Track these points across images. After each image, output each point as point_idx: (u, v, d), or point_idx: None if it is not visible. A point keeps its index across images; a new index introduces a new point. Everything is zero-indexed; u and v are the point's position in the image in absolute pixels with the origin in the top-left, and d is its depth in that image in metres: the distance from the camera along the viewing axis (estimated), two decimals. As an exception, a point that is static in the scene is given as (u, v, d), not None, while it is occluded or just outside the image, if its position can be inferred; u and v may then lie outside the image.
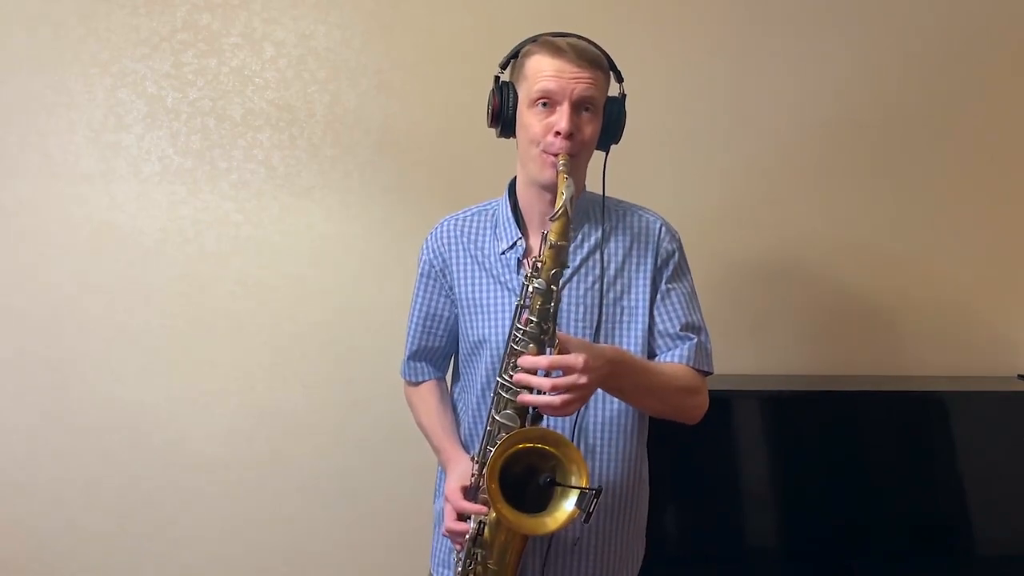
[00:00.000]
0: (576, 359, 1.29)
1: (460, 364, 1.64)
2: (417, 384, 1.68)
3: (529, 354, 1.33)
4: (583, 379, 1.29)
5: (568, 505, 1.29)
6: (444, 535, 1.49)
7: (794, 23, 2.32)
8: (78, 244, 2.12)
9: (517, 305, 1.38)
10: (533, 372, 1.31)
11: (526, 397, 1.32)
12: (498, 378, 1.38)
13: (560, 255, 1.35)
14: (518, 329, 1.36)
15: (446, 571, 1.58)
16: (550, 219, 1.35)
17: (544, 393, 1.30)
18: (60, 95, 2.10)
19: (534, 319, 1.34)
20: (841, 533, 2.06)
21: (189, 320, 2.16)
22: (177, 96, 2.14)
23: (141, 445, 2.16)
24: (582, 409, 1.47)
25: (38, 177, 2.10)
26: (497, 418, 1.37)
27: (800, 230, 2.36)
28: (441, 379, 1.69)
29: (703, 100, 2.30)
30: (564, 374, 1.29)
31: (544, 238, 1.36)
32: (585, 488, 1.28)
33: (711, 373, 1.57)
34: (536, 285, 1.34)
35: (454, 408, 1.65)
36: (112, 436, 2.15)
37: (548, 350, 1.34)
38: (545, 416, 1.36)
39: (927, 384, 2.28)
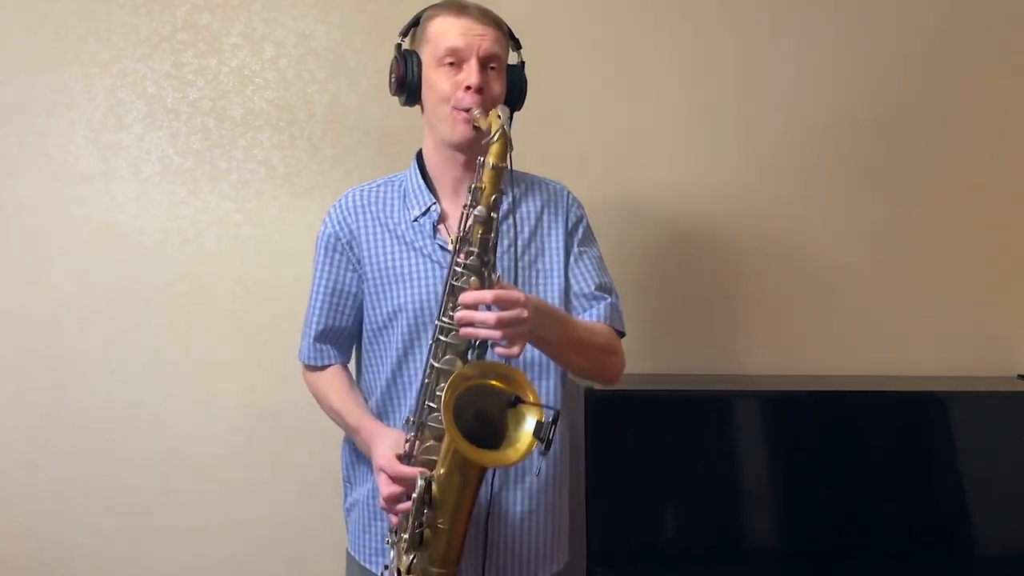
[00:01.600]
0: (519, 293, 1.29)
1: (365, 345, 1.59)
2: (322, 368, 1.62)
3: (471, 288, 1.30)
4: (525, 313, 1.28)
5: (525, 435, 1.25)
6: (381, 507, 1.42)
7: (795, 23, 2.32)
8: (78, 244, 2.12)
9: (457, 238, 1.34)
10: (475, 308, 1.28)
11: (470, 330, 1.28)
12: (437, 322, 1.34)
13: (499, 177, 1.33)
14: (458, 263, 1.33)
15: (381, 559, 1.53)
16: (487, 142, 1.34)
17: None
18: (60, 95, 2.10)
19: (475, 250, 1.31)
20: (841, 533, 2.06)
21: (189, 320, 2.16)
22: (177, 96, 2.14)
23: (141, 445, 2.16)
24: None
25: (38, 177, 2.10)
26: (437, 365, 1.34)
27: (800, 229, 2.36)
28: (345, 364, 1.64)
29: (704, 98, 2.30)
30: (505, 309, 1.27)
31: (481, 163, 1.33)
32: (545, 407, 1.26)
33: (624, 334, 1.59)
34: (476, 213, 1.32)
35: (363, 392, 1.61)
36: (112, 436, 2.15)
37: (488, 286, 1.31)
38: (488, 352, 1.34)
39: (927, 384, 2.28)
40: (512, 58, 1.55)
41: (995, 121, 2.41)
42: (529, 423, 1.25)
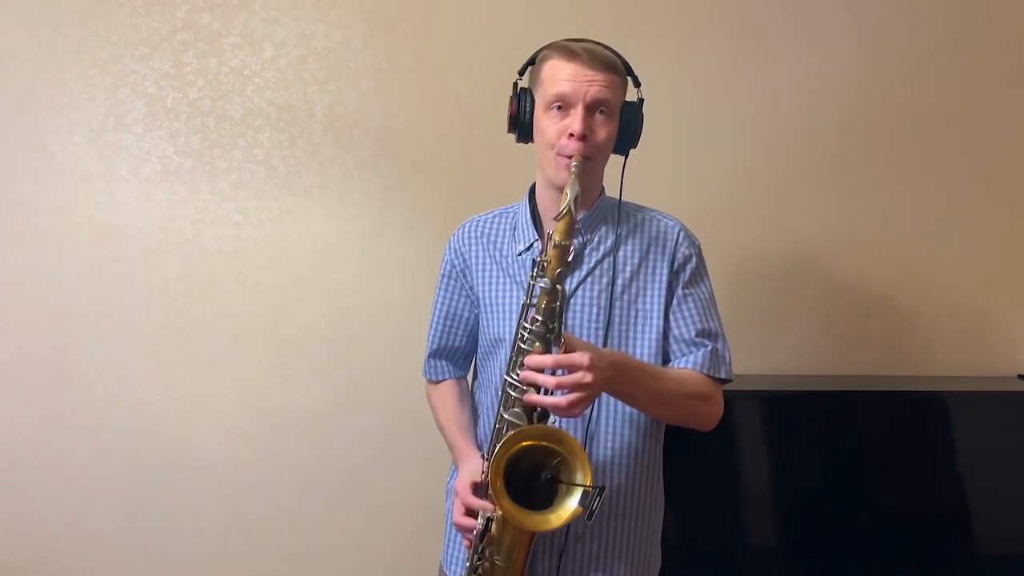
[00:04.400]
0: (581, 357, 1.29)
1: (479, 363, 1.65)
2: (438, 383, 1.70)
3: (535, 353, 1.34)
4: (588, 377, 1.29)
5: (572, 503, 1.30)
6: (455, 528, 1.49)
7: (806, 23, 2.32)
8: (78, 244, 2.12)
9: (523, 304, 1.39)
10: (540, 371, 1.31)
11: (532, 396, 1.32)
12: (506, 376, 1.39)
13: (564, 255, 1.36)
14: (524, 328, 1.37)
15: (459, 569, 1.59)
16: (554, 219, 1.37)
17: (551, 393, 1.31)
18: (60, 95, 2.10)
19: (540, 318, 1.35)
20: (841, 533, 2.06)
21: (189, 320, 2.16)
22: (177, 96, 2.14)
23: (141, 445, 2.16)
24: (593, 414, 1.48)
25: (38, 177, 2.10)
26: (505, 416, 1.38)
27: (801, 231, 2.36)
28: (462, 378, 1.71)
29: (716, 98, 2.30)
30: (569, 373, 1.29)
31: (549, 238, 1.37)
32: (587, 486, 1.29)
33: (729, 380, 1.56)
34: (542, 285, 1.35)
35: (475, 407, 1.66)
36: (112, 436, 2.15)
37: (554, 349, 1.34)
38: (552, 415, 1.36)
39: (927, 384, 2.28)
40: (631, 93, 1.53)
41: (997, 121, 2.41)
42: (576, 492, 1.30)
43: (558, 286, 1.35)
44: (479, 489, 1.45)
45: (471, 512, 1.44)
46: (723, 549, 2.05)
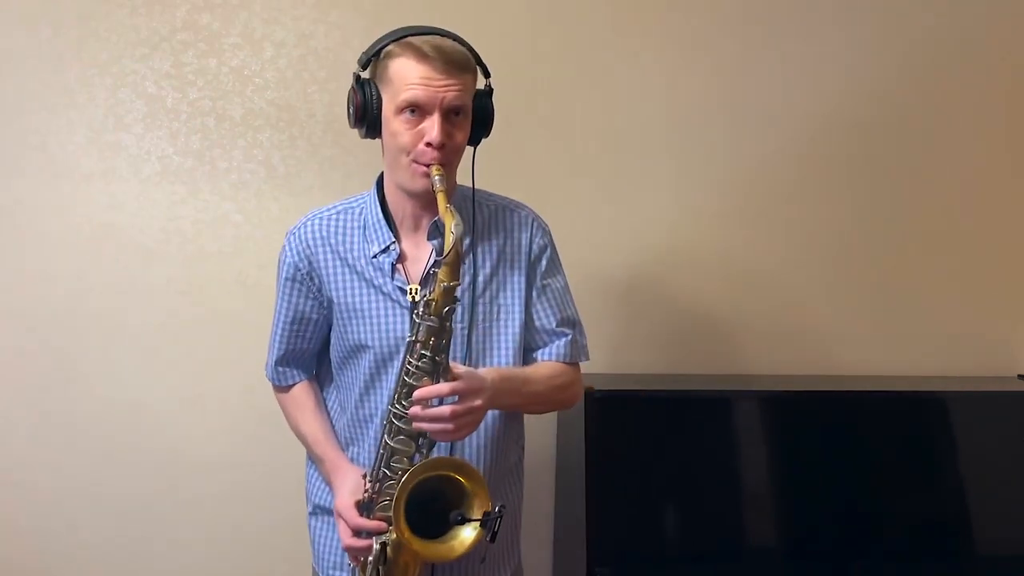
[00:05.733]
0: (478, 383, 1.33)
1: (335, 366, 1.58)
2: (288, 387, 1.63)
3: (423, 386, 1.33)
4: (477, 402, 1.33)
5: (472, 527, 1.32)
6: (344, 550, 1.45)
7: (793, 23, 2.32)
8: (78, 244, 2.12)
9: (409, 341, 1.36)
10: (427, 403, 1.32)
11: (422, 424, 1.32)
12: (391, 407, 1.37)
13: (451, 295, 1.34)
14: (410, 363, 1.34)
15: (341, 573, 1.56)
16: (439, 259, 1.35)
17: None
18: (60, 95, 2.10)
19: (427, 354, 1.34)
20: (841, 533, 2.06)
21: (189, 320, 2.16)
22: (177, 96, 2.14)
23: (141, 445, 2.16)
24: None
25: (38, 177, 2.10)
26: (391, 443, 1.37)
27: (800, 230, 2.36)
28: (312, 379, 1.64)
29: (702, 100, 2.30)
30: (460, 399, 1.31)
31: (433, 276, 1.36)
32: (486, 517, 1.31)
33: (586, 360, 1.63)
34: (429, 323, 1.33)
35: (328, 407, 1.62)
36: (112, 436, 2.15)
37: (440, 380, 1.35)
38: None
39: (927, 384, 2.28)
40: (479, 81, 1.49)
41: (995, 121, 2.41)
42: (475, 518, 1.33)
43: (446, 323, 1.34)
44: (363, 507, 1.40)
45: (359, 533, 1.40)
46: (723, 549, 2.05)
